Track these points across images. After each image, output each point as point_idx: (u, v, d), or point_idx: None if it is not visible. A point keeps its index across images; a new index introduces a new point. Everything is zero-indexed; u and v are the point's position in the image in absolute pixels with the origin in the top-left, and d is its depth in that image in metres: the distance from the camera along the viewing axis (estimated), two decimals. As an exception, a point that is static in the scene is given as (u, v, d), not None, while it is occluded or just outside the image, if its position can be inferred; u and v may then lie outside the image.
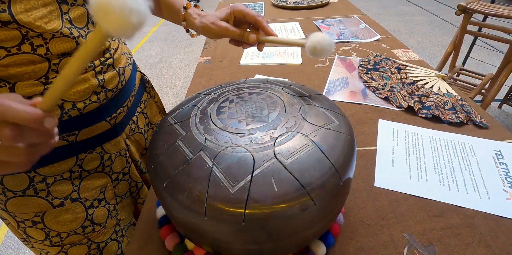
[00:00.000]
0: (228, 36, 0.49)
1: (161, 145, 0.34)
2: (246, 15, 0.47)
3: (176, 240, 0.39)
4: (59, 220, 0.44)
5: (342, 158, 0.31)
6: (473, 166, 0.52)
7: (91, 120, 0.43)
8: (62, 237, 0.45)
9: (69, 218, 0.44)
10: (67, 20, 0.37)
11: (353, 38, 1.05)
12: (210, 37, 0.51)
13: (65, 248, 0.46)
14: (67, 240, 0.45)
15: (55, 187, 0.42)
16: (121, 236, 0.52)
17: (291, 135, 0.31)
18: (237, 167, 0.29)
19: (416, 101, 0.67)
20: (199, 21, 0.50)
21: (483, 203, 0.45)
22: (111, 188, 0.48)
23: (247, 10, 0.47)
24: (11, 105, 0.22)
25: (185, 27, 0.54)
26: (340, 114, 0.37)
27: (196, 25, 0.51)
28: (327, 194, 0.29)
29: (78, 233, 0.45)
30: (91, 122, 0.43)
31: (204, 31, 0.50)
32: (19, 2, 0.32)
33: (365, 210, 0.45)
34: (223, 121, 0.34)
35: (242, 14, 0.47)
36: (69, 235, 0.45)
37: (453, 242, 0.40)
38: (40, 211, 0.42)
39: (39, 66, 0.36)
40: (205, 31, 0.50)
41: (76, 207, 0.44)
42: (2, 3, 0.30)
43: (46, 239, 0.44)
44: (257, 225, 0.28)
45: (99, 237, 0.48)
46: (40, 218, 0.43)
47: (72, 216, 0.44)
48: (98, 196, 0.47)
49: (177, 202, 0.29)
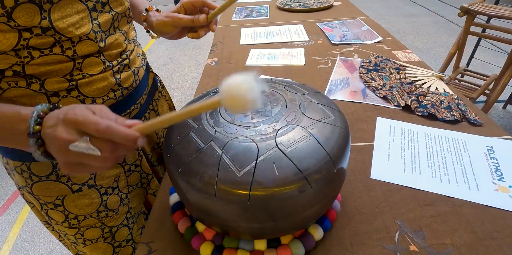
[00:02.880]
0: (181, 24, 0.53)
1: (176, 136, 0.38)
2: (193, 2, 0.52)
3: (188, 224, 0.43)
4: (77, 204, 0.48)
5: (336, 148, 0.35)
6: (464, 161, 0.55)
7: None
8: (79, 219, 0.49)
9: (86, 203, 0.49)
10: (97, 24, 0.42)
11: (356, 40, 1.09)
12: (168, 31, 0.56)
13: (81, 230, 0.51)
14: (83, 222, 0.50)
15: None
16: (132, 223, 0.56)
17: (291, 128, 0.36)
18: (243, 155, 0.33)
19: (414, 100, 0.71)
20: (155, 19, 0.55)
21: (472, 194, 0.49)
22: (123, 178, 0.53)
23: None
24: (117, 127, 0.29)
25: (145, 28, 0.59)
26: (336, 110, 0.41)
27: (154, 23, 0.56)
28: (322, 179, 0.33)
29: (94, 217, 0.50)
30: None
31: (160, 27, 0.55)
32: (57, 11, 0.36)
33: (360, 199, 0.48)
34: (230, 115, 0.38)
35: (190, 3, 0.52)
36: (85, 218, 0.50)
37: (441, 228, 0.44)
38: (61, 195, 0.47)
39: (66, 65, 0.41)
40: (162, 26, 0.55)
41: (92, 193, 0.49)
42: (44, 12, 0.35)
43: (65, 221, 0.49)
44: (260, 205, 0.32)
45: (112, 222, 0.52)
46: (60, 201, 0.48)
47: (89, 201, 0.49)
48: (112, 185, 0.51)
49: (191, 186, 0.34)
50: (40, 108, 0.32)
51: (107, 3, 0.43)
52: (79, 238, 0.51)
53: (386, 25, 3.62)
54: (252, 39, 1.15)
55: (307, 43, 1.09)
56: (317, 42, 1.09)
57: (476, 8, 1.60)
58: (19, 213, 1.50)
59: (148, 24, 0.58)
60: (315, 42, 1.09)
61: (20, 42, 0.35)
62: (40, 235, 1.38)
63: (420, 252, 0.41)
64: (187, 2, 0.52)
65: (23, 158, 0.44)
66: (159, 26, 0.55)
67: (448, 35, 3.23)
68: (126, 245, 0.55)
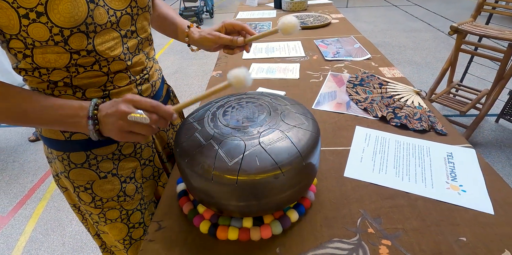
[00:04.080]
0: (221, 42, 0.64)
1: (184, 136, 0.49)
2: (234, 25, 0.63)
3: (190, 207, 0.54)
4: (103, 189, 0.59)
5: (306, 147, 0.46)
6: (425, 164, 0.65)
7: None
8: (103, 201, 0.60)
9: (109, 188, 0.60)
10: (126, 48, 0.54)
11: (347, 56, 1.20)
12: (208, 46, 0.67)
13: (104, 210, 0.62)
14: (106, 204, 0.61)
15: (102, 164, 0.58)
16: (144, 209, 0.67)
17: (272, 131, 0.46)
18: (234, 150, 0.44)
19: (390, 112, 0.81)
20: (198, 35, 0.67)
21: (426, 190, 0.59)
22: (139, 170, 0.64)
23: (235, 21, 0.64)
24: (162, 105, 0.44)
25: (187, 42, 0.70)
26: (310, 118, 0.52)
27: (195, 38, 0.67)
28: (293, 170, 0.44)
29: (114, 200, 0.61)
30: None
31: (202, 42, 0.66)
32: (98, 38, 0.48)
33: (333, 193, 0.59)
34: (226, 120, 0.50)
35: (231, 25, 0.63)
36: (108, 201, 0.61)
37: (396, 216, 0.53)
38: (91, 180, 0.58)
39: (102, 79, 0.53)
40: (203, 42, 0.66)
41: (114, 181, 0.60)
42: (89, 39, 0.47)
43: (92, 202, 0.60)
44: (245, 187, 0.42)
45: (128, 206, 0.63)
46: (90, 185, 0.59)
47: (111, 186, 0.60)
48: (130, 175, 0.62)
49: (194, 173, 0.45)
50: (95, 100, 0.46)
51: (135, 31, 0.55)
52: (102, 217, 0.61)
53: (388, 40, 3.75)
54: (253, 54, 1.27)
55: (303, 58, 1.20)
56: (312, 57, 1.21)
57: (465, 28, 1.71)
58: (35, 208, 1.62)
59: (190, 39, 0.69)
60: (310, 57, 1.21)
61: (71, 61, 0.47)
62: (54, 228, 1.49)
63: (376, 234, 0.50)
64: (229, 24, 0.64)
65: (64, 149, 0.56)
66: (202, 41, 0.66)
67: (447, 50, 3.33)
68: (139, 227, 0.66)
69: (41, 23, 0.41)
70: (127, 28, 0.53)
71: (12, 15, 0.40)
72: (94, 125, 0.44)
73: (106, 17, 0.48)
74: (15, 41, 0.44)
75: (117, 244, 0.68)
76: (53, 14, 0.41)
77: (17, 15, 0.40)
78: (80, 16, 0.43)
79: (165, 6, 0.74)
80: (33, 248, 1.40)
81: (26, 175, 1.88)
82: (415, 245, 0.48)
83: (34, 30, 0.42)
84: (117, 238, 0.64)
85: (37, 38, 0.43)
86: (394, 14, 4.93)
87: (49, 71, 0.48)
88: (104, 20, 0.47)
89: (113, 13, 0.49)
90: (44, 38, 0.43)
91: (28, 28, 0.41)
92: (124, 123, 0.42)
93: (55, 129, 0.54)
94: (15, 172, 1.91)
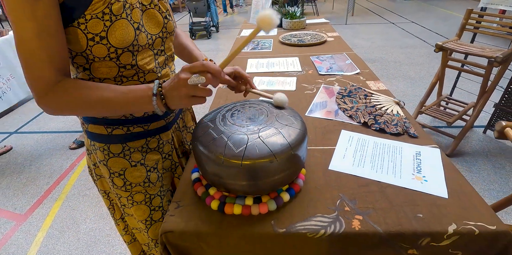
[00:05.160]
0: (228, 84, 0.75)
1: (200, 132, 0.63)
2: (241, 75, 0.77)
3: (203, 190, 0.67)
4: (132, 175, 0.73)
5: (294, 141, 0.60)
6: (397, 160, 0.79)
7: (155, 119, 0.73)
8: (132, 186, 0.74)
9: (137, 175, 0.73)
10: (157, 63, 0.69)
11: (339, 71, 1.36)
12: None
13: (132, 194, 0.75)
14: (134, 189, 0.74)
15: (133, 154, 0.72)
16: (163, 195, 0.80)
17: (268, 127, 0.61)
18: (239, 141, 0.58)
19: (371, 118, 0.95)
20: None
21: (396, 180, 0.72)
22: (161, 162, 0.78)
23: (243, 72, 0.77)
24: (212, 65, 0.54)
25: None
26: (299, 120, 0.66)
27: None
28: (284, 157, 0.57)
29: (140, 185, 0.75)
30: (155, 120, 0.73)
31: None
32: (139, 55, 0.63)
33: (318, 181, 0.72)
34: (233, 120, 0.64)
35: (239, 74, 0.77)
36: (136, 186, 0.74)
37: (368, 199, 0.66)
38: (124, 168, 0.72)
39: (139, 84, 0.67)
40: None
41: (142, 169, 0.74)
42: (134, 56, 0.62)
43: (123, 186, 0.73)
44: (247, 169, 0.56)
45: (151, 191, 0.76)
46: (123, 172, 0.72)
47: (139, 174, 0.73)
48: (153, 166, 0.76)
49: (208, 159, 0.58)
50: (158, 81, 0.58)
51: (163, 50, 0.71)
52: (129, 200, 0.75)
53: (384, 55, 3.94)
54: (256, 68, 1.43)
55: (300, 73, 1.36)
56: (307, 72, 1.37)
57: (449, 46, 1.88)
58: (51, 207, 1.74)
59: None
60: (306, 72, 1.37)
61: (118, 73, 0.62)
62: (69, 225, 1.61)
63: (350, 211, 0.63)
64: (238, 72, 0.76)
65: (106, 141, 0.70)
66: None
67: (440, 66, 3.50)
68: (158, 210, 0.79)
69: (102, 44, 0.57)
70: (158, 48, 0.68)
71: (82, 39, 0.55)
72: (161, 99, 0.55)
73: (146, 40, 0.63)
74: (79, 57, 0.59)
75: (139, 225, 0.81)
76: (112, 38, 0.57)
77: (86, 38, 0.55)
78: (130, 40, 0.59)
79: (185, 36, 0.91)
80: (50, 243, 1.52)
81: (42, 177, 2.01)
82: (381, 219, 0.61)
83: (97, 49, 0.57)
84: (140, 218, 0.77)
85: (97, 55, 0.58)
86: (391, 31, 5.15)
87: (101, 81, 0.63)
88: (144, 42, 0.63)
89: (150, 37, 0.64)
90: (103, 55, 0.58)
91: (92, 48, 0.57)
92: (187, 89, 0.53)
93: (128, 112, 0.64)
94: (31, 174, 2.05)
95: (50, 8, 0.50)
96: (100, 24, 0.55)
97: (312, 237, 0.59)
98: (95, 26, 0.55)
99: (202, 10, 5.04)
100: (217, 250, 0.63)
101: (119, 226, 0.88)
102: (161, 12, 0.66)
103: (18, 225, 1.64)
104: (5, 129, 2.71)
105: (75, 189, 1.90)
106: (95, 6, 0.53)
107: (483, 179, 1.81)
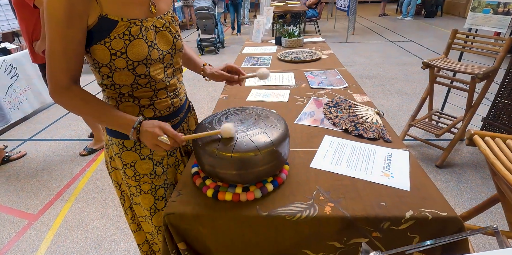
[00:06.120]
0: (224, 78, 1.00)
1: (199, 131, 0.77)
2: (232, 67, 0.98)
3: (201, 181, 0.80)
4: (142, 167, 0.86)
5: (277, 139, 0.72)
6: (370, 160, 0.90)
7: (164, 120, 0.87)
8: (140, 176, 0.86)
9: (146, 167, 0.86)
10: (166, 74, 0.83)
11: (329, 85, 1.50)
12: (216, 78, 1.03)
13: (140, 183, 0.87)
14: (142, 179, 0.87)
15: (143, 149, 0.85)
16: (167, 187, 0.92)
17: (255, 127, 0.74)
18: (231, 138, 0.71)
19: (352, 125, 1.08)
20: (210, 71, 1.02)
21: (367, 176, 0.83)
22: (166, 158, 0.91)
23: (233, 65, 0.99)
24: (178, 137, 0.72)
25: (203, 75, 1.04)
26: (283, 123, 0.79)
27: (208, 73, 1.02)
28: (268, 152, 0.70)
29: (147, 176, 0.87)
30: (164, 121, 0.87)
31: (212, 76, 1.02)
32: (151, 67, 0.77)
33: (300, 176, 0.84)
34: (227, 121, 0.77)
35: (231, 67, 0.99)
36: (144, 176, 0.87)
37: (340, 191, 0.78)
38: (134, 160, 0.85)
39: (150, 93, 0.81)
40: (213, 76, 1.02)
41: (149, 162, 0.87)
42: (147, 67, 0.77)
43: (133, 176, 0.86)
44: (236, 161, 0.69)
45: (156, 182, 0.89)
46: (134, 164, 0.85)
47: (147, 166, 0.86)
48: (160, 160, 0.89)
49: (205, 152, 0.71)
50: (140, 118, 0.73)
51: (172, 63, 0.85)
52: (138, 189, 0.87)
53: (381, 72, 4.10)
54: (254, 82, 1.58)
55: (293, 86, 1.51)
56: (300, 86, 1.51)
57: (435, 63, 2.02)
58: (61, 208, 1.86)
59: (204, 73, 1.05)
60: (299, 86, 1.51)
61: (134, 81, 0.77)
62: (78, 225, 1.72)
63: (324, 200, 0.75)
64: (230, 66, 1.02)
65: (121, 137, 0.83)
66: (212, 76, 1.03)
67: (435, 82, 3.64)
68: (161, 200, 0.91)
69: (122, 58, 0.71)
70: (168, 62, 0.83)
71: (107, 54, 0.70)
72: (136, 134, 0.72)
73: (158, 55, 0.78)
74: (104, 68, 0.74)
75: (145, 213, 0.92)
76: (130, 53, 0.71)
77: (109, 53, 0.70)
78: (144, 55, 0.73)
79: (189, 48, 1.07)
80: (59, 240, 1.63)
81: (54, 181, 2.15)
82: (349, 206, 0.73)
83: (118, 62, 0.72)
84: (146, 206, 0.89)
85: (118, 66, 0.73)
86: (389, 49, 5.35)
87: (120, 86, 0.77)
88: (156, 56, 0.77)
89: (161, 52, 0.79)
90: (122, 66, 0.73)
91: (114, 60, 0.71)
92: (155, 140, 0.71)
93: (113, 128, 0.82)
94: (44, 178, 2.19)
95: (78, 33, 0.67)
96: (121, 42, 0.70)
97: (290, 219, 0.71)
98: (117, 44, 0.70)
99: (211, 28, 5.38)
100: (211, 231, 0.75)
101: (127, 215, 1.00)
102: (171, 33, 0.82)
103: (30, 224, 1.76)
104: (20, 136, 2.88)
105: (84, 192, 2.02)
106: (118, 29, 0.69)
107: (471, 189, 1.89)
